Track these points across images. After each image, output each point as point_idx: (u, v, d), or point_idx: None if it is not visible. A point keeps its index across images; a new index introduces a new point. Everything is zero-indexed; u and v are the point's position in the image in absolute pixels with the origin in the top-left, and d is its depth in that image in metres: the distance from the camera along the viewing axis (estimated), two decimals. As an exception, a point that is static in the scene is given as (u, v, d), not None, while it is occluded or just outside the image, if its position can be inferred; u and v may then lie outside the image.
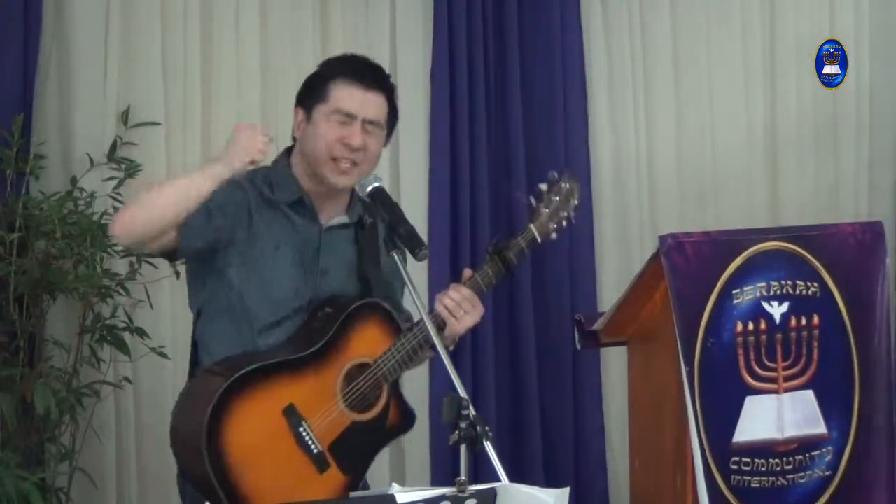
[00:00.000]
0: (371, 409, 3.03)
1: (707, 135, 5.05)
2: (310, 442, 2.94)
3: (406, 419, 3.11)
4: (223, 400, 2.88)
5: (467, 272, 3.16)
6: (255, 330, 3.04)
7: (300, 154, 3.11)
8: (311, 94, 3.09)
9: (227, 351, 3.03)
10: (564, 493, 2.40)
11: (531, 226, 3.18)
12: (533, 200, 3.20)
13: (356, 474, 3.02)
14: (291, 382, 2.95)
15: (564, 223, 3.21)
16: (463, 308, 3.08)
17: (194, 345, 3.13)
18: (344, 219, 3.15)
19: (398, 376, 3.06)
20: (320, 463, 2.95)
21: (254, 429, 2.90)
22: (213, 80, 4.36)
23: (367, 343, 3.04)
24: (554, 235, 3.21)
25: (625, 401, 3.84)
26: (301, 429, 2.93)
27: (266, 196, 3.07)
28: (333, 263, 3.11)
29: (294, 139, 3.13)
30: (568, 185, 3.20)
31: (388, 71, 3.18)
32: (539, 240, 3.18)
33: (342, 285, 3.11)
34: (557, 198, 3.19)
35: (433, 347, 3.02)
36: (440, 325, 3.05)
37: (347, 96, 3.04)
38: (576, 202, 3.22)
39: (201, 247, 2.99)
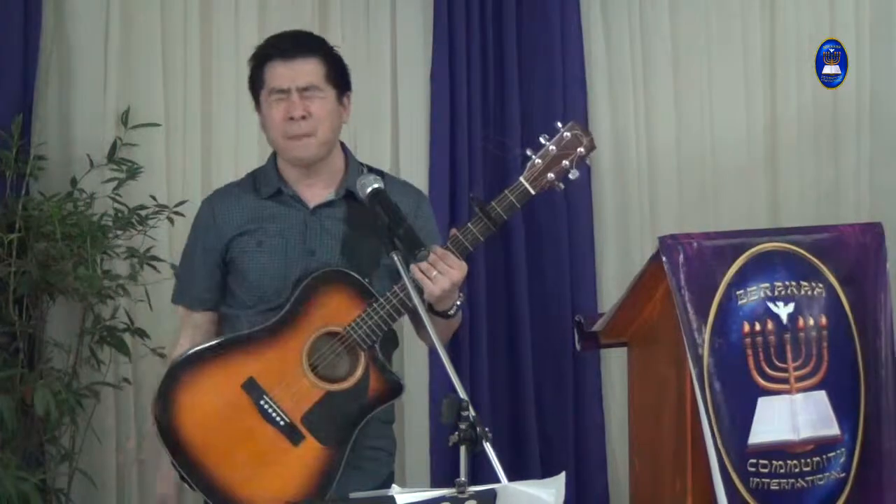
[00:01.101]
0: (347, 378, 3.01)
1: (707, 135, 5.04)
2: (274, 414, 2.94)
3: (391, 387, 3.07)
4: (172, 382, 2.93)
5: (452, 231, 3.08)
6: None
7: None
8: (253, 85, 3.17)
9: None
10: (560, 479, 2.40)
11: (521, 179, 3.06)
12: (531, 153, 3.08)
13: (338, 444, 3.00)
14: (249, 357, 2.97)
15: (575, 170, 3.07)
16: (437, 269, 2.97)
17: None
18: (330, 196, 3.16)
19: (375, 343, 3.03)
20: (293, 435, 2.95)
21: (211, 406, 2.93)
22: (214, 80, 4.36)
23: (335, 311, 3.02)
24: (560, 185, 3.08)
25: (625, 400, 3.84)
26: (262, 401, 2.93)
27: (253, 201, 3.14)
28: (322, 243, 3.12)
29: None
30: (570, 134, 3.07)
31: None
32: (532, 192, 3.06)
33: (333, 263, 3.11)
34: (555, 147, 3.06)
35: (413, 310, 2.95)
36: (419, 289, 2.98)
37: (275, 74, 3.09)
38: (582, 150, 3.06)
39: (218, 295, 3.17)
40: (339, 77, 3.15)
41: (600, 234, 4.89)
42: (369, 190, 2.99)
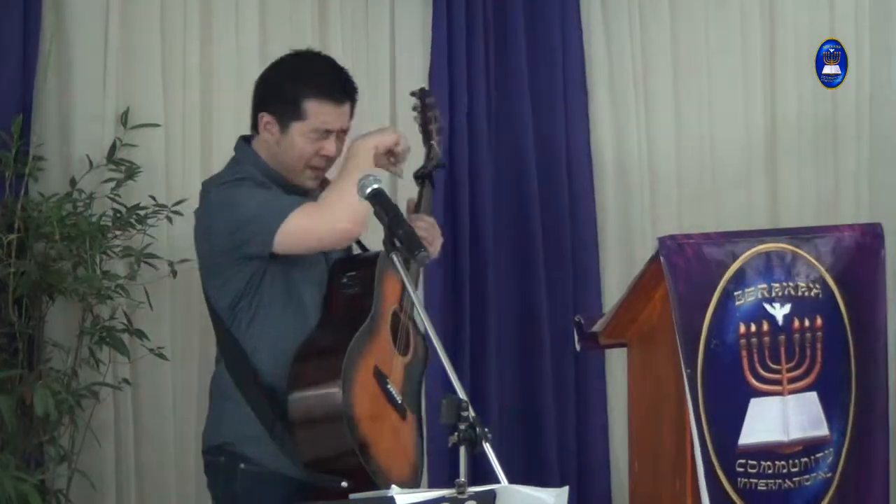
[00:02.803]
0: (410, 347, 3.19)
1: (707, 135, 5.04)
2: (396, 395, 3.09)
3: (425, 344, 3.28)
4: (347, 381, 2.99)
5: (410, 203, 3.37)
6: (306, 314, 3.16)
7: (271, 155, 3.25)
8: (282, 107, 3.21)
9: (289, 345, 3.10)
10: (564, 491, 2.41)
11: (432, 143, 3.41)
12: (418, 115, 3.43)
13: (419, 410, 3.24)
14: (369, 347, 3.08)
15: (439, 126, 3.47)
16: (432, 234, 3.31)
17: (244, 354, 3.14)
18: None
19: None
20: (403, 412, 3.12)
21: (366, 400, 3.03)
22: (214, 80, 4.35)
23: (391, 289, 3.19)
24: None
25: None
26: (388, 386, 3.08)
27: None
28: None
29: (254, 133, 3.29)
30: (431, 99, 3.46)
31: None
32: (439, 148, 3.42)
33: None
34: (432, 113, 3.43)
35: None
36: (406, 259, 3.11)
37: (325, 116, 3.19)
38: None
39: None
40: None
41: (603, 235, 4.89)
42: (369, 190, 3.00)
